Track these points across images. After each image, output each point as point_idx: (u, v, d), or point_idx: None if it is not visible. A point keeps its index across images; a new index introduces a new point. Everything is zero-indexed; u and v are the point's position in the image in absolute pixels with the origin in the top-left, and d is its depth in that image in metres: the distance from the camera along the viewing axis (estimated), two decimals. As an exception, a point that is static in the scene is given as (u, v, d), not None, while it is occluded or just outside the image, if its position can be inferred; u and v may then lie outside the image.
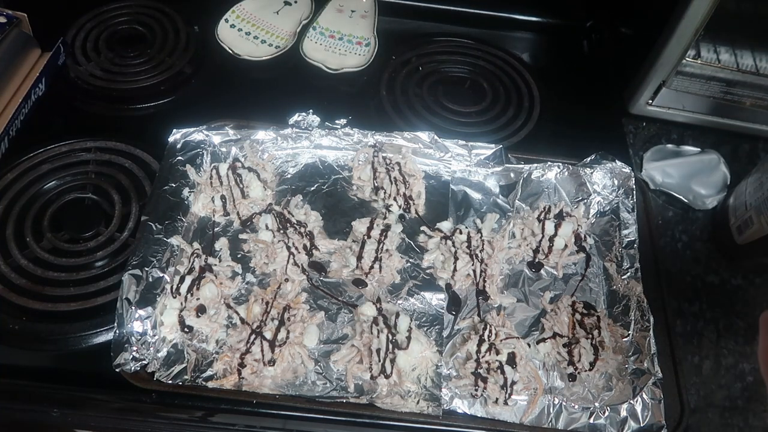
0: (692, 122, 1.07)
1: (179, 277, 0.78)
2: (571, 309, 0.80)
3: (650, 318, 0.78)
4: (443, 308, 0.81)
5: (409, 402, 0.72)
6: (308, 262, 0.83)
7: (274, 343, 0.74)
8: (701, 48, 1.01)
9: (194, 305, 0.76)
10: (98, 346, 0.76)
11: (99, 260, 0.82)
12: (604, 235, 0.89)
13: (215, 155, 0.91)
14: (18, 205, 0.86)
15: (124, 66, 1.03)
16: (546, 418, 0.73)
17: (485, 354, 0.75)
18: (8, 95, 0.94)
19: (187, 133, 0.91)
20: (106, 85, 1.01)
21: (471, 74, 1.09)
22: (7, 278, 0.79)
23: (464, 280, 0.83)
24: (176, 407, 0.73)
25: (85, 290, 0.79)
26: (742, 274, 0.92)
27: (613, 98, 1.10)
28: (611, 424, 0.73)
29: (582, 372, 0.76)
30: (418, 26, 1.17)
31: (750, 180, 0.91)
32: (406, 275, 0.84)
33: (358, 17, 1.15)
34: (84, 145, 0.92)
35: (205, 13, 1.11)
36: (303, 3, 1.15)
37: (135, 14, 1.10)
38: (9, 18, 0.94)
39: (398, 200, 0.89)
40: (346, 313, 0.80)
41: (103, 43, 1.06)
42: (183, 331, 0.75)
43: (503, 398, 0.72)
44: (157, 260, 0.79)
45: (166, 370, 0.73)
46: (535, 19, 1.20)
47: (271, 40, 1.10)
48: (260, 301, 0.78)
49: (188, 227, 0.85)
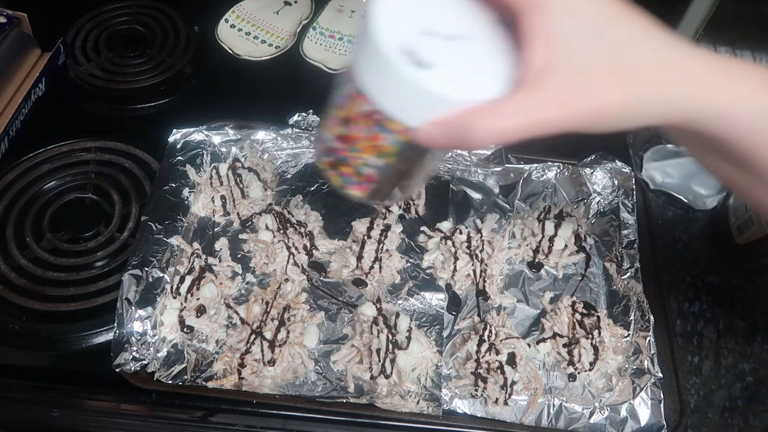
0: (692, 122, 1.07)
1: (179, 277, 0.78)
2: (571, 309, 0.80)
3: (650, 318, 0.78)
4: (443, 308, 0.81)
5: (409, 402, 0.72)
6: (308, 262, 0.83)
7: (274, 343, 0.74)
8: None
9: (194, 305, 0.76)
10: (98, 346, 0.76)
11: (99, 260, 0.82)
12: (604, 235, 0.89)
13: (215, 155, 0.91)
14: (18, 205, 0.86)
15: (124, 66, 1.03)
16: (546, 418, 0.73)
17: (485, 354, 0.75)
18: (8, 95, 0.94)
19: (187, 133, 0.91)
20: (106, 85, 1.01)
21: (471, 74, 1.09)
22: (7, 278, 0.79)
23: (464, 280, 0.83)
24: (176, 407, 0.73)
25: (85, 290, 0.79)
26: (742, 274, 0.92)
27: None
28: (611, 424, 0.73)
29: (582, 372, 0.76)
30: (418, 26, 1.17)
31: (750, 180, 0.90)
32: (406, 275, 0.84)
33: (358, 17, 1.15)
34: (84, 145, 0.92)
35: (205, 13, 1.11)
36: (303, 3, 1.15)
37: (135, 14, 1.10)
38: (9, 18, 0.94)
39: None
40: (346, 313, 0.80)
41: (103, 43, 1.06)
42: (183, 331, 0.75)
43: (503, 398, 0.72)
44: (157, 260, 0.79)
45: (166, 370, 0.73)
46: (535, 19, 1.20)
47: (271, 40, 1.10)
48: (260, 301, 0.78)
49: (188, 227, 0.85)
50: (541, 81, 0.39)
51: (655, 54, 0.40)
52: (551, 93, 0.39)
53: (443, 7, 0.42)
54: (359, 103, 0.41)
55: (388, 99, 0.39)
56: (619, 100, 0.39)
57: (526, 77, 0.39)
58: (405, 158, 0.44)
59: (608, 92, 0.39)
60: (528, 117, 0.39)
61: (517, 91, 0.39)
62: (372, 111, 0.40)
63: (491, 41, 0.42)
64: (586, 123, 0.40)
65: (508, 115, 0.39)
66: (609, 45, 0.39)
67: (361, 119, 0.42)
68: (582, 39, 0.38)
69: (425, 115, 0.39)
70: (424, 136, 0.40)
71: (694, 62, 0.41)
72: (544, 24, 0.38)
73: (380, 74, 0.38)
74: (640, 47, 0.40)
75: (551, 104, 0.39)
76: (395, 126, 0.41)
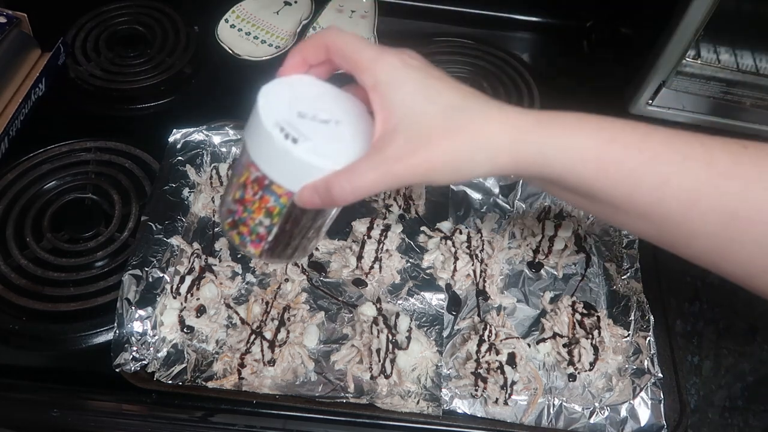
0: (692, 122, 1.07)
1: (179, 277, 0.78)
2: (571, 309, 0.80)
3: (650, 318, 0.78)
4: (443, 308, 0.81)
5: (409, 402, 0.72)
6: (308, 262, 0.83)
7: (274, 343, 0.74)
8: (701, 48, 1.01)
9: (194, 305, 0.76)
10: (98, 346, 0.76)
11: (99, 260, 0.82)
12: (604, 235, 0.89)
13: (215, 155, 0.91)
14: (18, 205, 0.86)
15: (124, 66, 1.03)
16: (546, 418, 0.73)
17: (485, 354, 0.75)
18: (8, 95, 0.94)
19: (187, 133, 0.91)
20: (106, 85, 1.01)
21: (471, 74, 1.09)
22: (7, 278, 0.79)
23: (464, 280, 0.83)
24: (176, 407, 0.73)
25: (85, 290, 0.79)
26: (742, 275, 0.92)
27: (613, 98, 1.10)
28: (611, 424, 0.73)
29: (582, 372, 0.76)
30: (418, 26, 1.17)
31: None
32: (406, 275, 0.84)
33: (358, 17, 1.15)
34: (84, 145, 0.92)
35: (205, 13, 1.11)
36: (303, 3, 1.15)
37: (135, 14, 1.10)
38: (9, 18, 0.94)
39: (398, 200, 0.89)
40: (346, 313, 0.80)
41: (103, 43, 1.06)
42: (183, 331, 0.75)
43: (503, 398, 0.72)
44: (157, 260, 0.79)
45: (166, 370, 0.73)
46: (535, 19, 1.20)
47: (271, 40, 1.10)
48: (260, 301, 0.78)
49: (188, 227, 0.85)
50: (385, 143, 0.46)
51: (478, 111, 0.47)
52: (393, 152, 0.46)
53: (322, 99, 0.51)
54: (252, 170, 0.49)
55: (270, 167, 0.48)
56: (450, 154, 0.46)
57: (376, 143, 0.47)
58: (292, 218, 0.51)
59: (440, 147, 0.45)
60: (377, 173, 0.46)
61: (368, 154, 0.47)
62: (261, 177, 0.49)
63: (359, 124, 0.51)
64: (426, 174, 0.46)
65: (362, 173, 0.46)
66: (439, 109, 0.46)
67: (254, 184, 0.50)
68: (414, 106, 0.46)
69: (300, 180, 0.48)
70: (299, 197, 0.48)
71: (516, 115, 0.47)
72: (381, 98, 0.46)
73: (264, 146, 0.47)
74: (465, 108, 0.47)
75: (394, 161, 0.46)
76: (279, 190, 0.49)
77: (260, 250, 0.54)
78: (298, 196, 0.48)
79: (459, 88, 0.48)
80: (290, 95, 0.50)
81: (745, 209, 0.43)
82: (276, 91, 0.50)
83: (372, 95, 0.47)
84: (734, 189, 0.44)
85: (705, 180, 0.44)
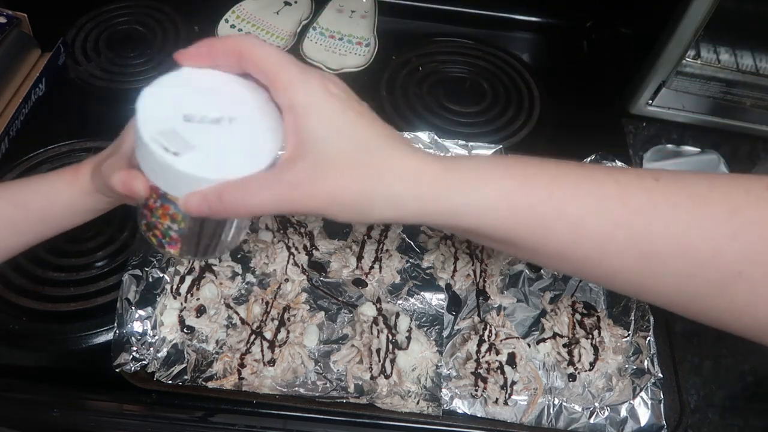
0: (692, 122, 1.07)
1: (179, 277, 0.78)
2: (571, 309, 0.80)
3: (650, 318, 0.78)
4: (443, 308, 0.81)
5: (409, 402, 0.72)
6: (308, 263, 0.83)
7: (274, 344, 0.74)
8: (701, 48, 1.01)
9: (194, 305, 0.76)
10: (98, 346, 0.76)
11: (99, 260, 0.82)
12: (604, 235, 0.89)
13: (215, 155, 0.91)
14: (18, 205, 0.86)
15: (124, 66, 1.03)
16: (546, 418, 0.73)
17: (485, 354, 0.75)
18: (8, 95, 0.94)
19: (187, 133, 0.90)
20: (106, 85, 1.01)
21: (471, 74, 1.09)
22: (7, 278, 0.79)
23: (464, 280, 0.83)
24: (176, 407, 0.73)
25: (85, 290, 0.79)
26: (742, 274, 0.92)
27: (613, 98, 1.10)
28: (611, 424, 0.73)
29: (582, 372, 0.76)
30: (418, 26, 1.17)
31: (750, 180, 0.90)
32: (406, 275, 0.84)
33: (358, 17, 1.15)
34: (84, 145, 0.92)
35: (205, 13, 1.11)
36: (303, 3, 1.15)
37: (135, 14, 1.10)
38: (9, 18, 0.94)
39: (398, 200, 0.89)
40: (346, 313, 0.80)
41: (103, 43, 1.06)
42: (183, 332, 0.75)
43: (503, 398, 0.72)
44: (157, 260, 0.79)
45: (166, 370, 0.73)
46: (535, 19, 1.20)
47: (271, 40, 1.10)
48: (260, 302, 0.78)
49: (188, 227, 0.85)
50: (287, 167, 0.45)
51: (388, 156, 0.45)
52: (292, 178, 0.44)
53: (216, 92, 0.48)
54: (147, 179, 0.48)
55: (157, 178, 0.46)
56: (349, 194, 0.44)
57: (280, 164, 0.45)
58: (198, 223, 0.49)
59: (341, 185, 0.44)
60: (271, 195, 0.44)
61: (267, 173, 0.45)
62: (154, 186, 0.47)
63: (258, 117, 0.48)
64: (325, 208, 0.45)
65: (256, 192, 0.44)
66: (350, 145, 0.44)
67: (153, 192, 0.48)
68: (327, 136, 0.44)
69: (186, 190, 0.45)
70: (185, 206, 0.46)
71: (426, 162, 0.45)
72: (294, 122, 0.45)
73: (148, 159, 0.45)
74: (376, 149, 0.45)
75: (290, 187, 0.44)
76: (175, 198, 0.47)
77: (178, 251, 0.53)
78: (184, 205, 0.46)
79: (375, 126, 0.46)
80: (177, 94, 0.47)
81: (662, 245, 0.42)
82: (160, 94, 0.47)
83: (286, 116, 0.45)
84: (650, 226, 0.42)
85: (619, 219, 0.43)
